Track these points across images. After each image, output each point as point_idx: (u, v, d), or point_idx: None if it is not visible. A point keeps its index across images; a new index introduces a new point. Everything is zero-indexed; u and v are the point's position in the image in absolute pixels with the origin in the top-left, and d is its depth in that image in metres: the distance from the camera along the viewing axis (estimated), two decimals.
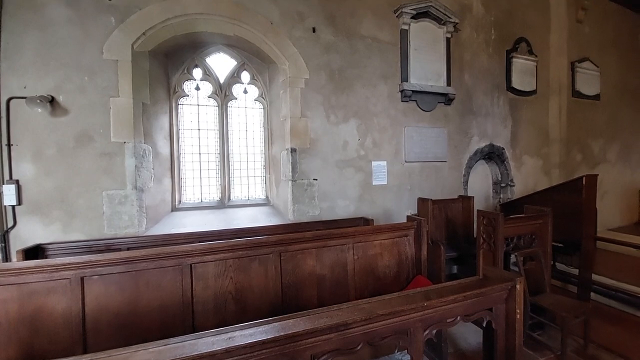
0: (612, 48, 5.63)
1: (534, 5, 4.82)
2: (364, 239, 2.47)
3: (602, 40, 5.48)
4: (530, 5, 4.79)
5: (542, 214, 2.92)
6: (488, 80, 4.46)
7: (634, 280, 3.36)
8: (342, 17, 3.53)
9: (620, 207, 5.84)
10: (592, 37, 5.34)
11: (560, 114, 5.06)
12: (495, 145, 4.53)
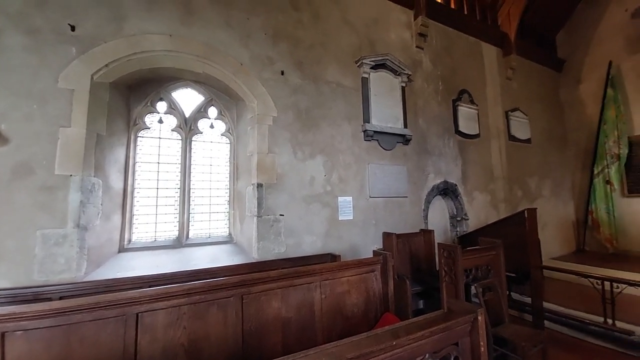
0: (538, 100, 6.72)
1: (472, 65, 5.67)
2: (332, 276, 2.42)
3: (529, 93, 6.54)
4: (469, 64, 5.62)
5: (494, 246, 3.14)
6: (439, 124, 4.98)
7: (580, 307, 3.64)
8: (309, 64, 3.81)
9: (559, 237, 6.51)
10: (520, 91, 6.34)
11: (500, 154, 5.74)
12: (449, 182, 4.92)
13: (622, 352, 2.89)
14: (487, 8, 6.01)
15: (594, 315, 3.31)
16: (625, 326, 3.05)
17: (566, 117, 7.23)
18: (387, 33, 4.61)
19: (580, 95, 7.00)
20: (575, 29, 7.09)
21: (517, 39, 6.07)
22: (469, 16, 5.63)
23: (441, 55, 5.20)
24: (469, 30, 5.62)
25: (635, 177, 6.07)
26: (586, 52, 6.89)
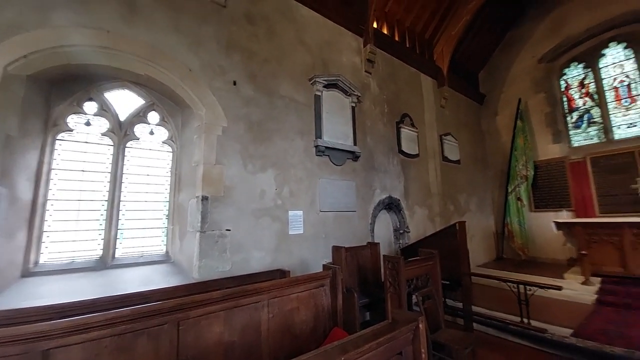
0: (465, 127, 7.71)
1: (412, 92, 6.30)
2: (280, 293, 2.34)
3: (458, 121, 7.47)
4: (410, 92, 6.23)
5: (432, 256, 3.41)
6: (385, 143, 5.36)
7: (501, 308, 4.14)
8: (263, 77, 3.80)
9: (483, 247, 7.39)
10: (451, 118, 7.21)
11: (436, 173, 6.38)
12: (393, 197, 5.27)
13: (538, 349, 3.33)
14: (425, 44, 6.81)
15: (513, 315, 3.79)
16: (539, 325, 3.54)
17: (487, 143, 8.43)
18: (339, 56, 4.87)
19: (497, 125, 8.26)
20: (494, 70, 8.45)
21: (449, 74, 6.96)
22: (410, 49, 6.30)
23: (387, 81, 5.67)
24: (410, 62, 6.27)
25: (540, 195, 7.31)
26: (501, 90, 8.22)
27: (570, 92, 7.23)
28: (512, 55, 8.04)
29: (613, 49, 6.62)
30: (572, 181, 6.77)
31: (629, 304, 4.07)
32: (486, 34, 7.84)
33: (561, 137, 7.18)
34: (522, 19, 7.87)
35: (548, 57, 7.35)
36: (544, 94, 7.46)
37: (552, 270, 5.76)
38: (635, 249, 4.53)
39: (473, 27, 7.30)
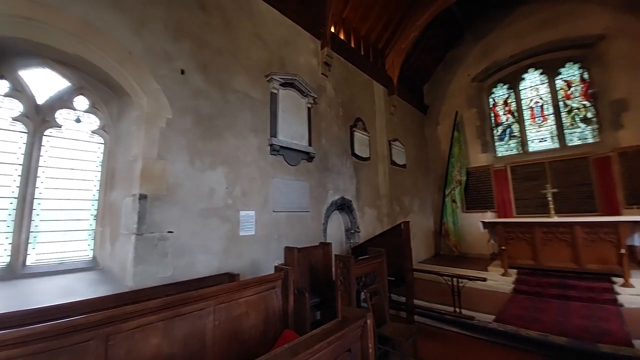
0: (410, 134, 8.32)
1: (366, 98, 6.58)
2: (228, 298, 2.22)
3: (405, 128, 8.03)
4: (364, 97, 6.50)
5: (380, 254, 3.60)
6: (339, 146, 5.50)
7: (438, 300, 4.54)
8: (215, 69, 3.58)
9: (424, 244, 8.06)
10: (399, 125, 7.72)
11: (384, 176, 6.76)
12: (345, 198, 5.43)
13: (468, 335, 3.73)
14: (378, 54, 7.18)
15: (448, 306, 4.19)
16: (468, 313, 3.97)
17: (429, 150, 9.23)
18: (297, 56, 4.85)
19: (437, 134, 9.10)
20: (436, 84, 9.30)
21: (398, 84, 7.45)
22: (365, 57, 6.58)
23: (342, 85, 5.83)
24: (364, 69, 6.55)
25: (471, 198, 8.25)
26: (442, 103, 9.08)
27: (496, 109, 8.33)
28: (452, 73, 8.95)
29: (531, 74, 7.81)
30: (496, 186, 7.80)
31: (539, 292, 4.82)
32: (431, 52, 8.60)
33: (488, 147, 8.21)
34: (460, 42, 8.82)
35: (479, 77, 8.36)
36: (475, 109, 8.45)
37: (479, 264, 6.55)
38: (545, 245, 5.39)
39: (420, 44, 7.94)
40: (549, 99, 7.47)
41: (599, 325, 3.49)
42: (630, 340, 3.05)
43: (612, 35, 6.43)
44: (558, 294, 4.64)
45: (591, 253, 4.93)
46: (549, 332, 3.38)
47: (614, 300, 4.20)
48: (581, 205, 6.57)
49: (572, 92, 7.16)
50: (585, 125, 6.94)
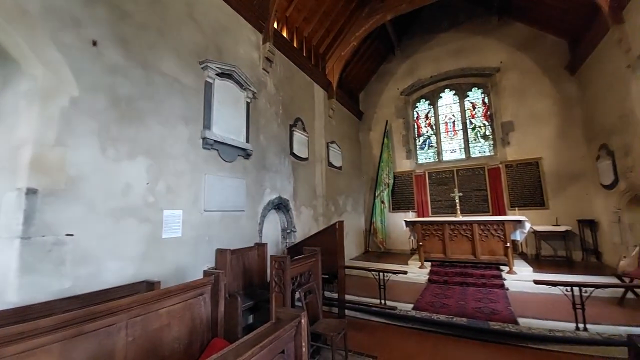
0: (347, 138, 8.74)
1: (306, 99, 6.65)
2: (145, 309, 1.94)
3: (342, 131, 8.40)
4: (304, 98, 6.56)
5: (315, 253, 3.66)
6: (278, 144, 5.41)
7: (367, 294, 4.86)
8: (138, 46, 3.12)
9: (355, 242, 8.56)
10: (336, 128, 8.03)
11: (322, 177, 6.95)
12: (282, 198, 5.38)
13: (392, 324, 4.08)
14: (319, 57, 7.34)
15: (374, 299, 4.52)
16: (392, 304, 4.35)
17: (362, 153, 9.87)
18: (236, 46, 4.59)
19: (370, 140, 9.79)
20: (370, 93, 9.99)
21: (337, 88, 7.75)
22: (307, 59, 6.65)
23: (283, 83, 5.77)
24: (306, 70, 6.61)
25: (396, 199, 9.11)
26: (375, 111, 9.81)
27: (419, 121, 9.40)
28: (384, 84, 9.75)
29: (447, 93, 9.05)
30: (416, 189, 8.80)
31: (447, 280, 5.61)
32: (367, 62, 9.22)
33: (411, 154, 9.21)
34: (391, 57, 9.68)
35: (406, 91, 9.32)
36: (402, 119, 9.39)
37: (401, 259, 7.28)
38: (451, 240, 6.30)
39: (358, 54, 8.43)
40: (459, 116, 8.80)
41: (490, 306, 4.25)
42: (514, 318, 3.79)
43: (506, 68, 7.94)
44: (460, 281, 5.48)
45: (485, 246, 5.98)
46: (454, 315, 3.96)
47: (501, 285, 5.17)
48: (478, 206, 7.93)
49: (476, 112, 8.58)
50: (484, 140, 8.40)
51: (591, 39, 5.90)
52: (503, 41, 8.02)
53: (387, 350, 3.35)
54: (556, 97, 7.28)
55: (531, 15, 7.45)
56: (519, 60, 7.77)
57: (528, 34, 7.71)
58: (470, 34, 8.49)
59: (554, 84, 7.32)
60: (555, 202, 7.10)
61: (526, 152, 7.54)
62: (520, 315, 3.86)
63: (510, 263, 5.58)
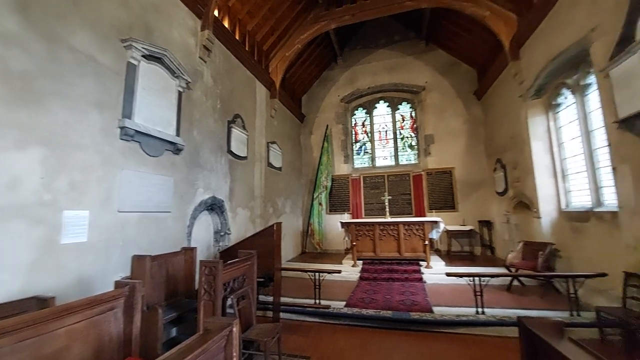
0: (288, 139, 8.70)
1: (247, 95, 6.40)
2: (37, 331, 1.58)
3: (283, 132, 8.33)
4: (245, 94, 6.30)
5: (250, 256, 3.52)
6: (214, 140, 5.06)
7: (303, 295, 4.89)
8: (42, 13, 2.54)
9: (292, 243, 8.57)
10: (278, 128, 7.93)
11: (261, 177, 6.77)
12: (217, 198, 5.05)
13: (326, 323, 4.17)
14: (263, 55, 7.15)
15: (310, 299, 4.58)
16: (326, 303, 4.46)
17: (303, 156, 9.97)
18: (169, 28, 4.14)
19: (311, 143, 9.97)
20: (313, 97, 10.18)
21: (280, 88, 7.67)
22: (249, 54, 6.40)
23: (223, 76, 5.44)
24: (248, 66, 6.37)
25: (334, 202, 9.45)
26: (317, 115, 10.03)
27: (357, 128, 9.97)
28: (326, 90, 10.06)
29: (381, 104, 9.82)
30: (352, 192, 9.29)
31: (376, 277, 6.04)
32: (310, 66, 9.37)
33: (349, 159, 9.70)
34: (334, 65, 10.06)
35: (346, 99, 9.80)
36: (342, 125, 9.82)
37: (336, 259, 7.58)
38: (381, 240, 6.83)
39: (303, 56, 8.50)
40: (391, 127, 9.64)
41: (411, 299, 4.74)
42: (430, 307, 4.29)
43: (430, 88, 9.03)
44: (387, 277, 5.97)
45: (408, 245, 6.65)
46: (381, 309, 4.29)
47: (420, 279, 5.81)
48: (404, 209, 8.79)
49: (404, 124, 9.52)
50: (410, 150, 9.38)
51: (494, 71, 7.14)
52: (429, 64, 9.11)
53: (320, 349, 3.42)
54: (466, 117, 8.60)
55: (450, 45, 8.67)
56: (440, 82, 8.94)
57: (448, 61, 8.94)
58: (403, 53, 9.40)
59: (465, 106, 8.64)
60: (463, 206, 8.35)
61: (443, 162, 8.70)
62: (435, 304, 4.40)
63: (427, 259, 6.32)
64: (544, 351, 1.56)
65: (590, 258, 4.38)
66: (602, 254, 4.09)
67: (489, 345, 3.37)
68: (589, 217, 4.48)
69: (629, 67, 3.22)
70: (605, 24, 3.63)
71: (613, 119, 3.56)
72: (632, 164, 3.38)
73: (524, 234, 6.17)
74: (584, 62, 4.46)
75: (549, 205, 5.45)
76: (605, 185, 4.31)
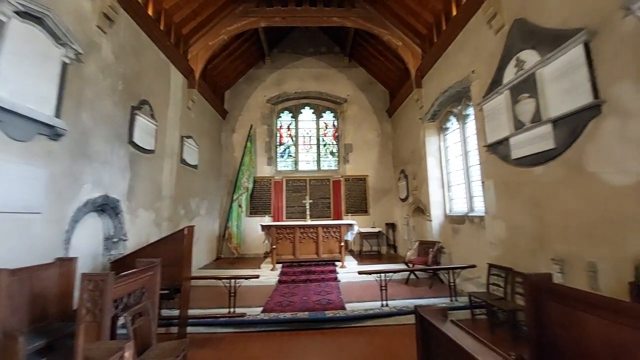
0: (207, 135, 8.01)
1: (159, 81, 5.62)
2: None
3: (202, 127, 7.63)
4: (156, 79, 5.51)
5: (152, 266, 3.06)
6: (111, 127, 4.24)
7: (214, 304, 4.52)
8: None
9: (206, 249, 7.87)
10: (195, 122, 7.22)
11: (171, 175, 6.01)
12: (110, 197, 4.23)
13: (241, 332, 3.93)
14: (181, 39, 6.43)
15: (225, 308, 4.27)
16: (242, 311, 4.22)
17: (223, 154, 9.34)
18: None
19: (232, 141, 9.45)
20: (238, 93, 9.69)
21: (200, 79, 7.02)
22: (164, 34, 5.65)
23: (129, 53, 4.63)
24: (162, 47, 5.61)
25: (255, 204, 9.15)
26: (240, 113, 9.58)
27: (282, 131, 9.96)
28: (252, 88, 9.74)
29: (307, 110, 10.08)
30: (274, 195, 9.20)
31: (294, 279, 6.08)
32: (236, 61, 8.92)
33: (272, 161, 9.59)
34: (261, 64, 9.85)
35: (273, 100, 9.70)
36: (267, 126, 9.66)
37: (255, 263, 7.33)
38: (301, 242, 6.94)
39: (229, 49, 8.02)
40: (315, 133, 10.00)
41: (327, 298, 4.94)
42: (343, 304, 4.55)
43: (351, 101, 9.78)
44: (305, 279, 6.10)
45: (326, 246, 6.97)
46: (298, 311, 4.33)
47: (335, 278, 6.14)
48: (323, 212, 9.20)
49: (327, 132, 10.02)
50: (332, 156, 9.92)
51: (402, 94, 8.25)
52: (351, 79, 9.87)
53: None
54: (379, 131, 9.66)
55: (369, 65, 9.64)
56: (360, 97, 9.80)
57: (367, 79, 9.90)
58: (329, 65, 9.92)
59: (379, 121, 9.70)
60: (374, 210, 9.29)
61: (359, 170, 9.51)
62: (348, 301, 4.71)
63: (342, 259, 6.76)
64: (433, 333, 1.84)
65: (464, 253, 5.47)
66: (473, 250, 5.17)
67: (392, 333, 3.80)
68: (464, 220, 5.59)
69: (496, 104, 4.20)
70: (482, 69, 4.64)
71: (483, 144, 4.57)
72: (495, 179, 4.39)
73: (419, 234, 7.26)
74: (465, 96, 5.61)
75: (438, 210, 6.57)
76: (476, 195, 5.46)
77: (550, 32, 3.29)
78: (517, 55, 3.79)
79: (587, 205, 2.89)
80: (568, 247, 3.11)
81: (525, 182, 3.75)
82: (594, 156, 2.82)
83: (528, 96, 3.59)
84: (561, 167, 3.20)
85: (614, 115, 2.62)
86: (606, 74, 2.68)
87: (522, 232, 3.83)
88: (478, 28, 4.68)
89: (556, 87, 3.19)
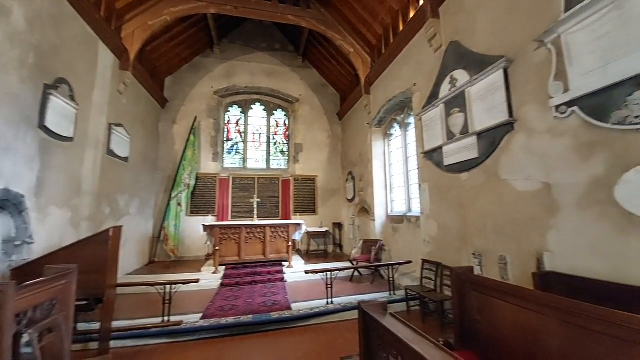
0: (141, 124, 7.16)
1: (82, 57, 4.83)
2: None
3: (135, 115, 6.79)
4: (80, 55, 4.73)
5: (66, 273, 2.60)
6: (15, 107, 3.50)
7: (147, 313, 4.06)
8: None
9: (136, 252, 7.02)
10: (128, 109, 6.40)
11: (94, 167, 5.22)
12: (12, 192, 3.48)
13: (176, 342, 3.59)
14: (114, 13, 5.64)
15: (156, 317, 3.86)
16: (177, 319, 3.87)
17: (160, 147, 8.47)
18: None
19: (173, 133, 8.63)
20: (180, 82, 8.89)
21: (135, 61, 6.25)
22: (92, 6, 4.88)
23: (45, 22, 3.88)
24: (89, 20, 4.84)
25: (196, 202, 8.49)
26: (183, 102, 8.82)
27: (230, 126, 9.48)
28: (197, 77, 9.05)
29: (258, 107, 9.77)
30: (219, 193, 8.69)
31: (239, 282, 5.82)
32: (180, 46, 8.19)
33: (218, 157, 9.05)
34: (210, 53, 9.23)
35: (221, 93, 9.17)
36: (213, 120, 9.08)
37: (194, 267, 6.80)
38: (247, 243, 6.68)
39: (172, 32, 7.32)
40: (265, 130, 9.76)
41: (272, 299, 4.85)
42: (289, 305, 4.51)
43: (303, 101, 9.80)
44: (250, 280, 5.90)
45: (273, 246, 6.85)
46: (242, 314, 4.16)
47: (282, 278, 6.06)
48: (272, 212, 9.03)
49: (278, 130, 9.87)
50: (282, 155, 9.80)
51: (352, 99, 8.58)
52: (304, 79, 9.91)
53: None
54: (330, 133, 9.90)
55: (322, 68, 9.81)
56: (312, 98, 9.90)
57: (319, 81, 10.05)
58: (282, 62, 9.79)
59: (330, 124, 9.93)
60: (322, 210, 9.46)
61: (308, 170, 9.59)
62: (294, 301, 4.70)
63: (290, 259, 6.72)
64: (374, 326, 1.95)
65: (402, 250, 5.93)
66: (409, 247, 5.64)
67: (337, 329, 3.91)
68: (403, 220, 6.07)
69: (432, 116, 4.66)
70: (423, 82, 5.10)
71: (421, 150, 5.02)
72: (429, 183, 4.86)
73: (364, 233, 7.65)
74: (408, 106, 6.10)
75: (381, 210, 7.01)
76: (414, 197, 5.98)
77: (478, 56, 3.78)
78: (451, 74, 4.26)
79: (500, 207, 3.40)
80: (485, 243, 3.61)
81: (453, 186, 4.24)
82: (506, 166, 3.34)
83: (459, 111, 4.07)
84: (482, 174, 3.70)
85: (522, 132, 3.14)
86: (519, 97, 3.20)
87: (449, 230, 4.32)
88: (421, 45, 5.14)
89: (481, 105, 3.68)
